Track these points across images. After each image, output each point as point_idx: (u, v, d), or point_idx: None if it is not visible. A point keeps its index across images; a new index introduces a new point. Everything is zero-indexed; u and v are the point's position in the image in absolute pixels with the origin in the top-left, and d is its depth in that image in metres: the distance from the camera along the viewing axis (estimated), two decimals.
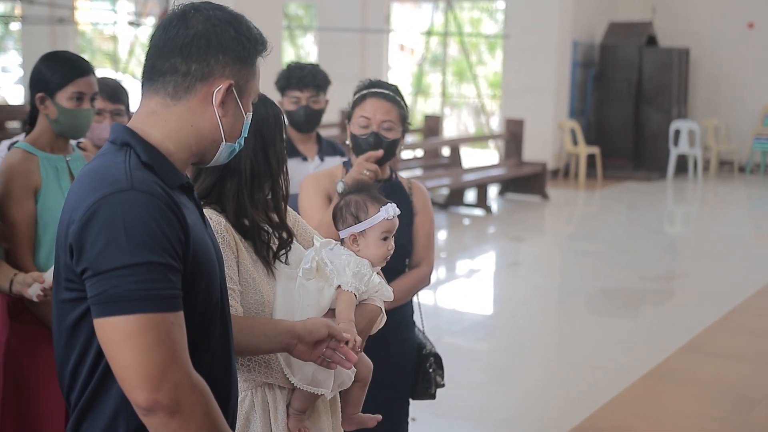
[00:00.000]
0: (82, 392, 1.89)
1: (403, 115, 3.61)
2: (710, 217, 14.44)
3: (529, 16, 16.97)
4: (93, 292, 1.77)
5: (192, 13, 1.98)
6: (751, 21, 17.51)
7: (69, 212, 1.86)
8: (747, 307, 8.50)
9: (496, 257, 10.65)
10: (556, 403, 6.09)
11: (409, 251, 3.61)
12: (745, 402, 6.12)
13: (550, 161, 16.07)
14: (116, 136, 1.95)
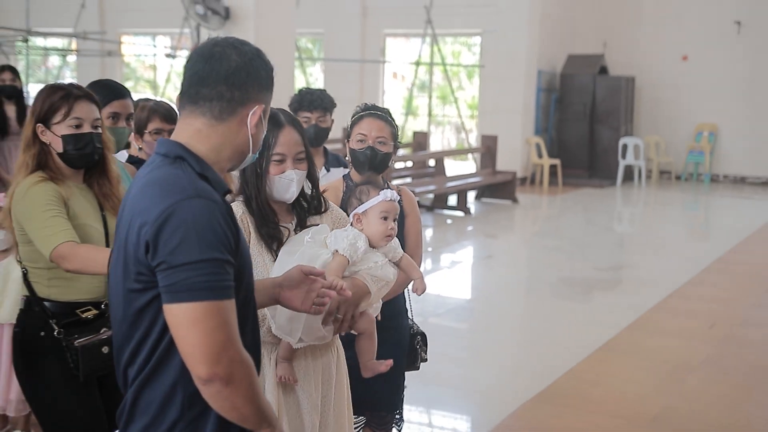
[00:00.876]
0: (144, 366, 1.92)
1: (394, 132, 3.62)
2: (652, 218, 14.53)
3: (501, 49, 16.99)
4: (166, 282, 1.83)
5: (229, 48, 2.02)
6: (685, 54, 17.60)
7: (138, 215, 1.89)
8: (682, 292, 8.58)
9: (474, 251, 10.70)
10: (524, 373, 6.16)
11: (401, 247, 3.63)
12: (679, 371, 6.21)
13: (519, 171, 16.09)
14: (168, 150, 1.99)
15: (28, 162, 3.00)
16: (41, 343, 2.92)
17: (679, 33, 17.55)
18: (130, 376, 1.98)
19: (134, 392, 1.97)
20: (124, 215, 1.98)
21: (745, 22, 17.05)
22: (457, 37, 19.57)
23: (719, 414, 5.43)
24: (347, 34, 19.15)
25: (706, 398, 5.72)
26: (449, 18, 17.30)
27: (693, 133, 17.67)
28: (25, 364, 2.99)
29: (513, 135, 16.55)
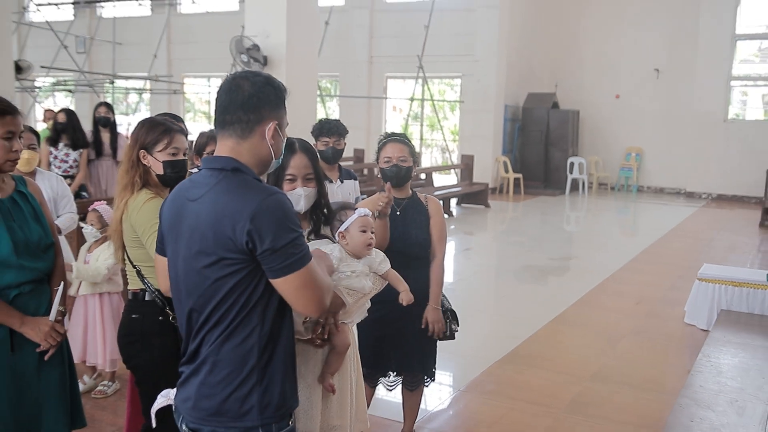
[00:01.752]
0: (226, 327, 1.97)
1: (412, 151, 3.67)
2: (592, 219, 14.58)
3: (476, 89, 17.06)
4: (276, 262, 1.91)
5: (241, 81, 2.04)
6: (617, 93, 17.68)
7: (225, 217, 1.91)
8: (615, 277, 8.64)
9: (455, 245, 10.73)
10: (494, 339, 6.24)
11: (428, 243, 3.66)
12: (612, 339, 6.26)
13: (491, 182, 16.14)
14: (225, 164, 2.00)
15: (137, 180, 3.01)
16: (158, 327, 2.95)
17: (613, 77, 17.62)
18: (208, 335, 1.99)
19: (216, 347, 1.98)
20: (207, 217, 1.96)
21: (662, 70, 17.17)
22: (443, 79, 19.59)
23: (643, 370, 5.51)
24: (357, 76, 19.22)
25: (633, 359, 5.80)
26: (436, 64, 17.37)
27: (624, 154, 17.73)
28: (142, 344, 2.99)
29: (485, 155, 16.60)
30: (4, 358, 2.66)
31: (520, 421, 4.52)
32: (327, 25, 17.20)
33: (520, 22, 17.39)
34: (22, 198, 2.78)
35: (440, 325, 3.66)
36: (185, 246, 2.01)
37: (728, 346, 4.75)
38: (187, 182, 2.12)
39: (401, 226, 3.61)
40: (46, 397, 2.79)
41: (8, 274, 2.65)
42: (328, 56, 17.54)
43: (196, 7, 20.75)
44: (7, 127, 2.64)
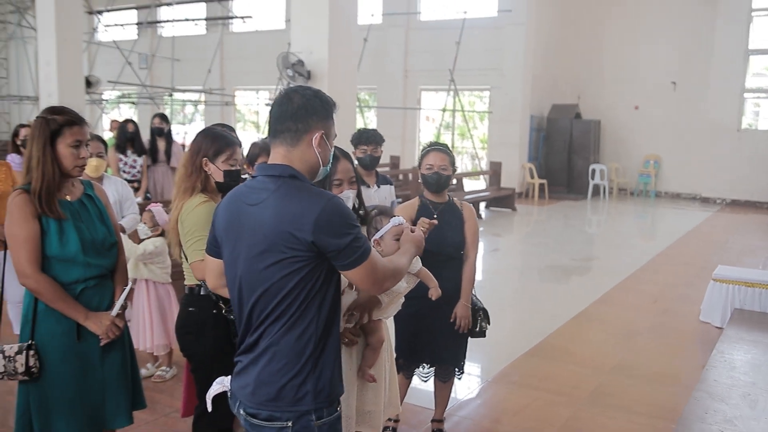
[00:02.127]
0: (287, 320, 1.99)
1: (452, 160, 3.68)
2: (612, 223, 14.38)
3: (504, 100, 16.97)
4: (344, 259, 1.97)
5: (292, 94, 2.07)
6: (636, 105, 17.43)
7: (289, 220, 1.94)
8: (634, 276, 8.53)
9: (484, 246, 10.67)
10: (520, 334, 6.19)
11: (462, 244, 3.65)
12: (631, 334, 6.18)
13: (517, 187, 16.07)
14: (282, 172, 2.02)
15: (197, 185, 3.03)
16: (212, 320, 2.97)
17: (632, 89, 17.36)
18: (269, 328, 2.02)
19: (276, 339, 2.01)
20: (269, 219, 1.97)
21: (679, 82, 16.87)
22: (473, 91, 19.50)
23: (659, 365, 5.42)
24: (393, 89, 19.23)
25: (649, 353, 5.71)
26: (467, 77, 17.30)
27: (642, 161, 17.47)
28: (197, 335, 3.01)
29: (512, 162, 16.51)
30: (72, 346, 2.72)
31: (543, 410, 4.49)
32: (366, 41, 17.22)
33: (544, 38, 17.27)
34: (89, 201, 2.84)
35: (467, 321, 3.66)
36: (247, 247, 2.02)
37: (741, 343, 4.65)
38: (244, 188, 2.11)
39: (437, 228, 3.59)
40: (109, 380, 2.84)
41: (76, 271, 2.71)
42: (366, 70, 17.58)
43: (246, 26, 20.94)
44: (75, 137, 2.69)
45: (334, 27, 9.66)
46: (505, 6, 16.76)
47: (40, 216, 2.65)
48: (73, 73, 13.02)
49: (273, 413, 2.00)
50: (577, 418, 4.38)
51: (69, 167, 2.70)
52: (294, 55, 9.68)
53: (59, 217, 2.67)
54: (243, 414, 2.07)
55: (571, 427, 4.25)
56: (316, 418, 2.02)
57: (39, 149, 2.65)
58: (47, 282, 2.64)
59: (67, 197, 2.76)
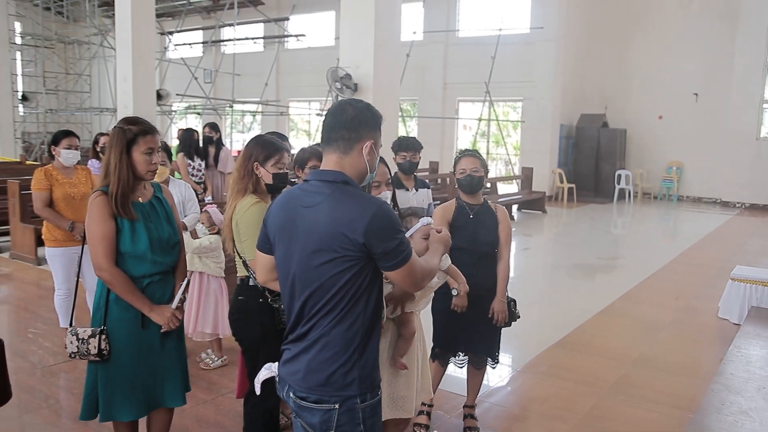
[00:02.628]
0: (338, 313, 2.00)
1: (483, 163, 3.64)
2: (636, 225, 14.05)
3: (535, 110, 16.79)
4: (390, 260, 1.98)
5: (346, 106, 2.07)
6: (660, 114, 17.01)
7: (343, 223, 1.94)
8: (656, 275, 8.34)
9: (516, 245, 10.58)
10: (548, 327, 6.08)
11: (495, 243, 3.61)
12: (653, 329, 6.04)
13: (547, 191, 15.87)
14: (336, 177, 2.02)
15: (248, 187, 3.07)
16: (260, 308, 2.98)
17: (656, 100, 16.97)
18: (321, 320, 2.02)
19: (327, 330, 2.01)
20: (323, 220, 1.98)
21: (701, 94, 16.44)
22: (506, 102, 19.32)
23: (679, 358, 5.29)
24: (433, 100, 19.16)
25: (670, 347, 5.57)
26: (501, 89, 17.17)
27: (665, 167, 17.06)
28: (246, 321, 3.03)
29: (543, 167, 16.32)
30: (137, 333, 2.78)
31: (569, 399, 4.41)
32: (408, 57, 17.18)
33: (574, 52, 17.00)
34: (158, 202, 2.90)
35: (504, 315, 3.64)
36: (301, 246, 2.03)
37: (758, 339, 4.51)
38: (298, 191, 2.10)
39: (473, 228, 3.60)
40: (167, 365, 2.89)
41: (144, 266, 2.76)
42: (409, 83, 17.55)
43: (300, 44, 21.11)
44: (148, 144, 2.76)
45: (379, 43, 9.67)
46: (536, 23, 16.59)
47: (115, 216, 2.71)
48: (146, 87, 13.31)
49: (321, 397, 2.02)
50: (600, 406, 4.29)
51: (142, 172, 2.77)
52: (342, 70, 9.71)
53: (132, 218, 2.74)
54: (292, 397, 2.08)
55: (595, 415, 4.17)
56: (361, 401, 2.03)
57: (116, 156, 2.72)
58: (120, 275, 2.70)
59: (140, 199, 2.82)
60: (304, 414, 2.06)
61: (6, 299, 6.90)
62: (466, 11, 19.02)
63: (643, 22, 17.02)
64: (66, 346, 2.79)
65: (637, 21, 17.11)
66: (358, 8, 9.75)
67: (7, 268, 7.96)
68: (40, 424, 3.88)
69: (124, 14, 12.77)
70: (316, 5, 20.84)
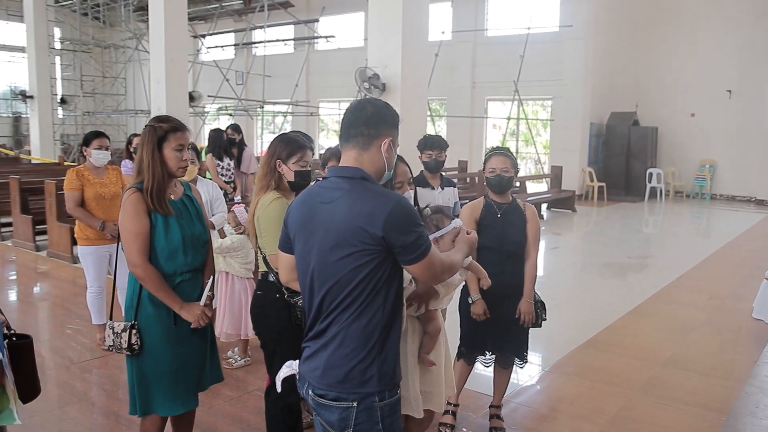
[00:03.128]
0: (356, 308, 1.98)
1: (514, 162, 3.55)
2: (668, 224, 13.77)
3: (565, 108, 16.58)
4: (409, 254, 1.96)
5: (365, 104, 2.08)
6: (693, 112, 16.65)
7: (361, 217, 1.93)
8: (689, 274, 8.16)
9: (545, 244, 10.44)
10: (577, 327, 5.98)
11: (523, 243, 3.53)
12: (684, 329, 5.89)
13: (577, 190, 15.70)
14: (354, 174, 2.01)
15: (271, 183, 3.08)
16: (276, 303, 2.96)
17: (688, 97, 16.63)
18: (339, 316, 2.00)
19: (346, 326, 1.99)
20: (342, 216, 1.96)
21: (734, 91, 16.04)
22: (536, 101, 19.10)
23: (712, 359, 5.14)
24: (462, 99, 19.04)
25: (702, 348, 5.42)
26: (530, 88, 17.02)
27: (698, 165, 16.71)
28: (263, 315, 3.03)
29: (573, 166, 16.16)
30: (169, 329, 2.79)
31: (597, 399, 4.32)
32: (437, 56, 17.11)
33: (603, 49, 16.75)
34: (189, 200, 2.91)
35: (530, 316, 3.57)
36: (320, 241, 2.01)
37: None
38: (317, 188, 2.10)
39: (501, 227, 3.52)
40: (198, 357, 2.91)
41: (176, 263, 2.77)
42: (437, 82, 17.46)
43: (329, 45, 21.14)
44: (179, 141, 2.77)
45: (406, 43, 9.62)
46: (565, 21, 16.38)
47: (150, 212, 2.72)
48: (179, 89, 13.46)
49: (340, 394, 1.99)
50: (629, 407, 4.19)
51: (174, 168, 2.78)
52: (370, 70, 9.69)
53: (168, 213, 2.75)
54: (311, 395, 2.06)
55: (624, 416, 4.07)
56: (379, 399, 2.00)
57: (149, 153, 2.74)
58: (153, 272, 2.71)
59: (171, 196, 2.83)
60: (323, 412, 2.04)
61: (44, 296, 7.02)
62: (495, 10, 18.86)
63: (675, 18, 16.68)
64: (104, 340, 2.86)
65: (668, 17, 16.78)
66: (385, 8, 9.72)
67: (45, 266, 8.10)
68: (74, 418, 3.93)
69: (157, 18, 12.92)
70: (345, 6, 20.87)
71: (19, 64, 23.46)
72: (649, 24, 17.00)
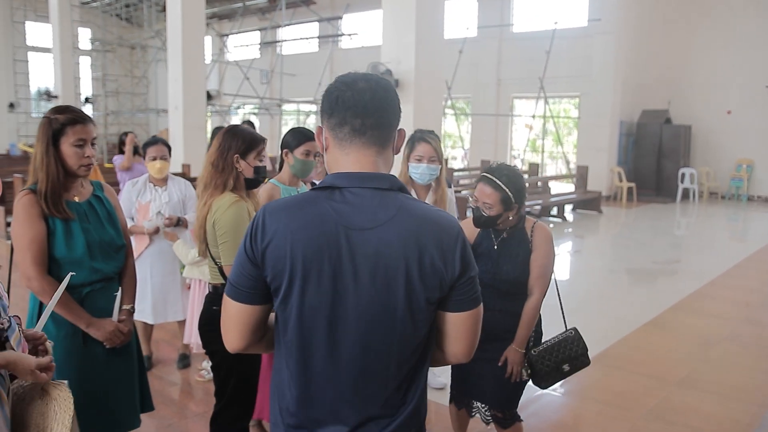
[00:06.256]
0: (416, 361, 1.48)
1: (504, 197, 2.73)
2: (700, 226, 13.08)
3: (594, 107, 15.99)
4: (470, 292, 1.47)
5: (384, 82, 1.51)
6: (729, 109, 15.85)
7: (434, 243, 1.41)
8: (716, 282, 7.60)
9: (567, 247, 9.94)
10: (587, 338, 5.46)
11: (521, 280, 2.82)
12: (706, 344, 5.37)
13: (604, 191, 15.12)
14: (393, 184, 1.45)
15: (229, 182, 2.73)
16: None
17: (724, 94, 15.83)
18: (401, 370, 1.47)
19: (407, 381, 1.48)
20: (369, 251, 1.40)
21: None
22: (563, 98, 18.52)
23: (733, 378, 4.63)
24: (487, 97, 18.54)
25: (725, 366, 4.92)
26: (557, 85, 16.51)
27: (734, 165, 15.90)
28: (217, 334, 2.71)
29: (601, 165, 15.61)
30: (77, 349, 2.45)
31: (598, 424, 3.88)
32: (461, 53, 16.67)
33: (633, 44, 16.08)
34: (98, 202, 2.57)
35: (518, 368, 2.86)
36: (368, 288, 1.40)
37: None
38: (332, 204, 1.41)
39: (496, 258, 2.84)
40: (116, 383, 2.56)
41: (82, 273, 2.43)
42: (462, 80, 17.08)
43: (353, 43, 20.89)
44: (78, 135, 2.42)
45: (421, 39, 9.31)
46: (594, 15, 15.78)
47: (47, 217, 2.39)
48: (197, 87, 13.41)
49: None
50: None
51: (74, 167, 2.43)
52: (383, 65, 9.35)
53: (67, 218, 2.41)
54: None
55: None
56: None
57: (42, 149, 2.39)
58: (52, 286, 2.36)
59: (75, 198, 2.49)
60: None
61: None
62: (521, 5, 18.33)
63: (709, 10, 15.91)
64: None
65: (702, 8, 16.02)
66: (399, 2, 9.40)
67: None
68: None
69: (174, 16, 12.87)
70: (369, 3, 20.54)
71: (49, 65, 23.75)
72: (682, 17, 16.27)
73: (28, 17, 22.80)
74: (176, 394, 4.28)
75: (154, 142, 4.50)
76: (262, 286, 1.43)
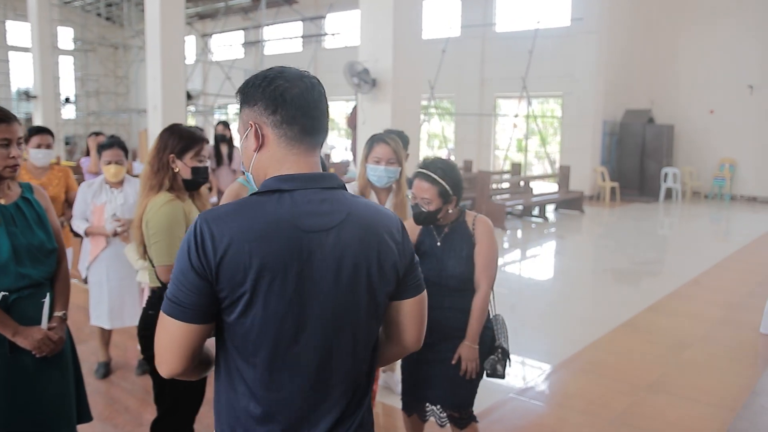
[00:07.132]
0: (370, 365, 1.47)
1: (441, 190, 2.67)
2: (682, 226, 13.03)
3: (577, 106, 15.95)
4: (418, 275, 1.48)
5: (317, 82, 1.46)
6: (712, 109, 15.85)
7: (386, 237, 1.40)
8: (693, 282, 7.53)
9: (544, 248, 9.85)
10: (555, 343, 5.45)
11: (466, 275, 2.74)
12: (679, 346, 5.28)
13: (588, 191, 15.07)
14: (339, 182, 1.41)
15: (164, 182, 2.63)
16: None
17: (707, 94, 15.83)
18: (363, 369, 1.44)
19: (367, 379, 1.45)
20: (332, 253, 1.33)
21: (755, 86, 15.21)
22: (546, 98, 18.47)
23: (705, 382, 4.54)
24: (470, 96, 18.46)
25: (697, 369, 4.82)
26: (540, 84, 16.43)
27: (717, 165, 15.90)
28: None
29: (584, 165, 15.58)
30: (4, 360, 2.31)
31: (561, 431, 3.77)
32: (444, 52, 16.59)
33: (616, 44, 16.04)
34: (26, 204, 2.44)
35: (473, 365, 2.75)
36: (332, 290, 1.34)
37: None
38: (291, 210, 1.31)
39: (440, 255, 2.78)
40: (47, 394, 2.42)
41: (7, 279, 2.29)
42: (445, 79, 17.00)
43: (337, 43, 20.76)
44: (1, 135, 2.29)
45: (399, 38, 9.17)
46: (577, 15, 15.74)
47: None
48: (175, 87, 13.25)
49: None
50: None
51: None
52: (360, 64, 9.23)
53: None
54: None
55: None
56: None
57: None
58: None
59: (1, 201, 2.36)
60: None
61: None
62: (504, 5, 18.26)
63: (692, 10, 15.92)
64: None
65: (685, 8, 16.02)
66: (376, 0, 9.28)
67: None
68: None
69: (153, 15, 12.70)
70: (353, 3, 20.37)
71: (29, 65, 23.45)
72: (665, 17, 16.27)
73: (8, 16, 22.50)
74: (132, 402, 4.14)
75: (109, 145, 4.35)
76: (210, 302, 1.29)
